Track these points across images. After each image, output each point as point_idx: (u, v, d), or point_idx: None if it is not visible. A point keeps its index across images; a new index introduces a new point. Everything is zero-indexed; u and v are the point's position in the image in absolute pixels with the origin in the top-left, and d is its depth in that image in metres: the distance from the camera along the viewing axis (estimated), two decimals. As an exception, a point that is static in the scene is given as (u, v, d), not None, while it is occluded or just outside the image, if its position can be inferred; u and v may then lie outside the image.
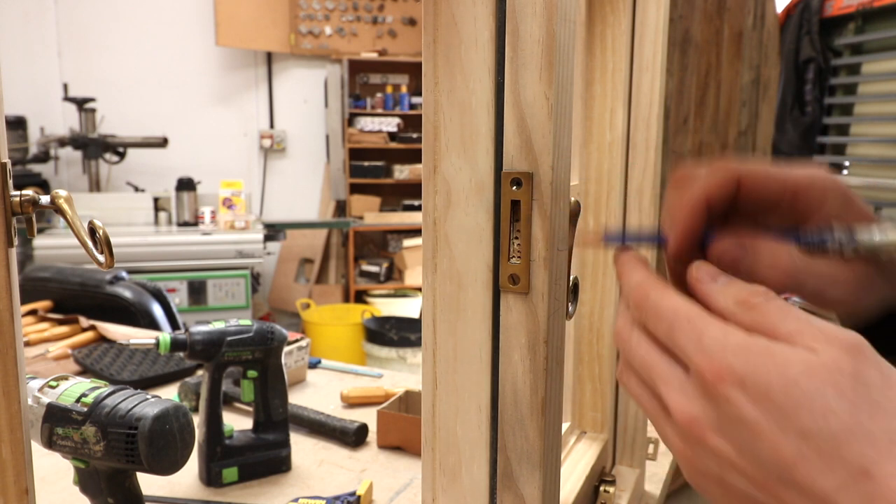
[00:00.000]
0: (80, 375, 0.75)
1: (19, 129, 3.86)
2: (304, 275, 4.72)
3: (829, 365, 0.29)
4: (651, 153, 0.82)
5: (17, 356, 0.42)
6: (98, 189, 4.00)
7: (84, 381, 0.70)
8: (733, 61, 2.57)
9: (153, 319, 1.85)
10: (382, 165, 4.62)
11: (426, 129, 0.47)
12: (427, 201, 0.47)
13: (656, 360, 0.34)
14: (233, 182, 3.78)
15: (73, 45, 4.29)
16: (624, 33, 0.77)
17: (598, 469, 0.82)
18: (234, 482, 0.95)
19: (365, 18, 4.65)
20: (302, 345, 1.34)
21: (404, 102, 4.64)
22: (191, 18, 4.43)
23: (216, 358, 0.92)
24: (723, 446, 0.30)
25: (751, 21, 2.62)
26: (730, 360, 0.30)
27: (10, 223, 0.42)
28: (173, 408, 0.68)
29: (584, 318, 0.85)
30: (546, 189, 0.44)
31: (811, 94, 3.48)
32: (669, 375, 0.33)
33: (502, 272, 0.46)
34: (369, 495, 0.91)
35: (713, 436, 0.31)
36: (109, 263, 0.46)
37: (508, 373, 0.47)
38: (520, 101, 0.44)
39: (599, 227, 0.81)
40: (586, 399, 0.87)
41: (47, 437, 0.67)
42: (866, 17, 3.27)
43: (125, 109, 4.29)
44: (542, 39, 0.42)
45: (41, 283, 1.84)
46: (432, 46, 0.45)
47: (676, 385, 0.32)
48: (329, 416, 1.11)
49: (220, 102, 4.61)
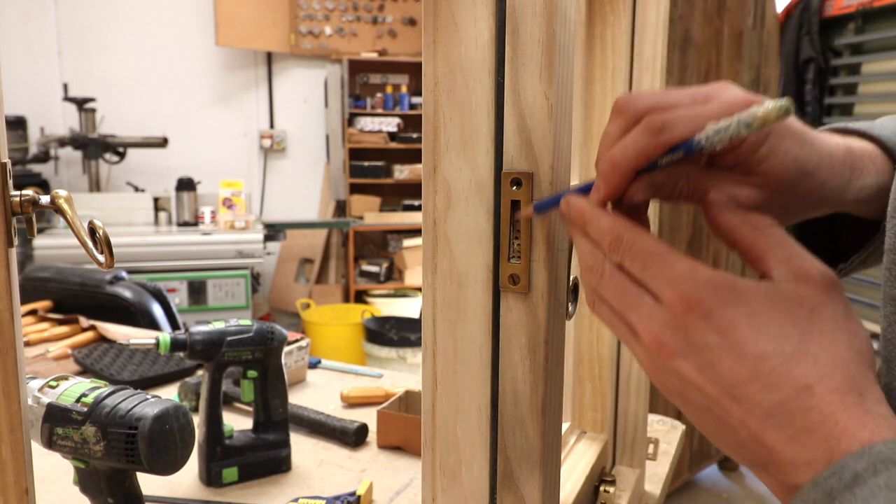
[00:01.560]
0: (80, 375, 0.75)
1: (19, 129, 3.86)
2: (304, 275, 4.72)
3: (791, 299, 0.34)
4: (651, 153, 0.82)
5: (17, 356, 0.42)
6: (98, 189, 4.00)
7: (84, 381, 0.70)
8: (733, 61, 2.57)
9: (153, 319, 1.85)
10: (382, 165, 4.62)
11: (426, 129, 0.47)
12: (427, 201, 0.47)
13: (629, 291, 0.37)
14: (233, 182, 3.78)
15: (73, 45, 4.29)
16: (624, 33, 0.77)
17: (598, 469, 0.82)
18: (234, 482, 0.95)
19: (365, 18, 4.65)
20: (302, 345, 1.34)
21: (404, 102, 4.64)
22: (191, 18, 4.43)
23: (216, 358, 0.92)
24: (686, 368, 0.35)
25: (751, 21, 2.62)
26: (699, 292, 0.34)
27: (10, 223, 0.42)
28: (173, 408, 0.68)
29: (584, 318, 0.85)
30: (546, 189, 0.44)
31: (811, 94, 3.48)
32: (641, 304, 0.37)
33: (502, 272, 0.46)
34: (369, 495, 0.91)
35: (678, 359, 0.35)
36: (109, 263, 0.46)
37: (508, 373, 0.47)
38: (520, 101, 0.44)
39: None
40: (586, 399, 0.87)
41: (47, 437, 0.67)
42: (866, 17, 3.27)
43: (125, 109, 4.29)
44: (542, 39, 0.42)
45: (41, 283, 1.84)
46: (432, 46, 0.45)
47: (647, 313, 0.36)
48: (329, 416, 1.11)
49: (220, 102, 4.61)
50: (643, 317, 0.36)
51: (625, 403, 0.89)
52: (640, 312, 0.36)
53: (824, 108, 3.51)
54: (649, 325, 0.36)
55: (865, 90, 3.37)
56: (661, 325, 0.35)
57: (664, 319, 0.35)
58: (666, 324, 0.35)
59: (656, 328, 0.35)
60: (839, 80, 3.44)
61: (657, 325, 0.35)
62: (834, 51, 3.44)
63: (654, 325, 0.36)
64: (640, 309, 0.37)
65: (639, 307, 0.37)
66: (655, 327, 0.36)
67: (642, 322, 0.36)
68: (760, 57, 2.72)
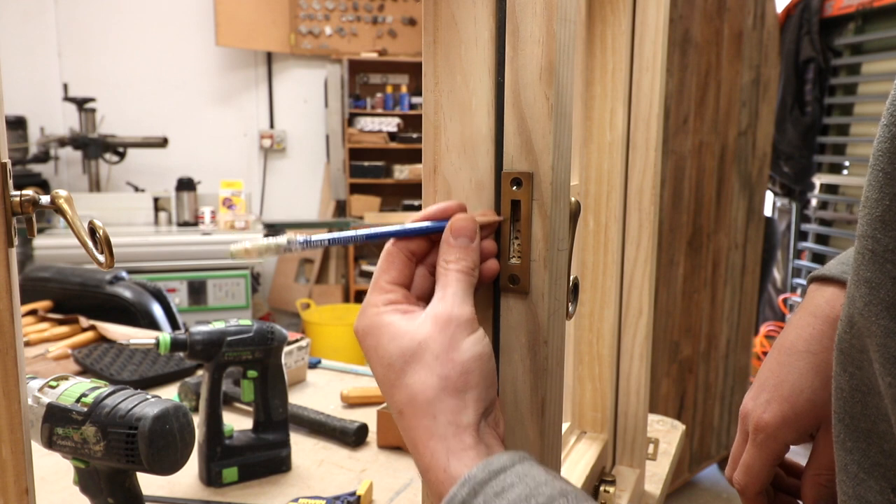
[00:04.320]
0: (80, 375, 0.75)
1: (19, 129, 3.86)
2: (304, 275, 4.72)
3: (405, 334, 0.42)
4: (651, 153, 0.82)
5: (17, 356, 0.42)
6: (98, 189, 4.00)
7: (84, 381, 0.70)
8: (733, 61, 2.56)
9: (153, 319, 1.85)
10: (382, 165, 4.61)
11: (426, 129, 0.47)
12: (427, 201, 0.47)
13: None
14: (233, 182, 3.77)
15: (73, 45, 4.29)
16: (624, 33, 0.77)
17: (598, 469, 0.82)
18: (234, 482, 0.95)
19: (365, 18, 4.65)
20: (302, 345, 1.34)
21: (404, 102, 4.64)
22: (191, 18, 4.43)
23: (216, 358, 0.92)
24: (370, 350, 0.44)
25: (751, 21, 2.62)
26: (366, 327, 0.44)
27: (10, 223, 0.42)
28: (173, 408, 0.68)
29: (584, 318, 0.85)
30: (546, 189, 0.44)
31: (811, 94, 3.48)
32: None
33: (502, 272, 0.46)
34: (369, 495, 0.91)
35: (365, 343, 0.44)
36: (109, 263, 0.46)
37: (508, 373, 0.47)
38: (520, 101, 0.44)
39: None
40: (586, 399, 0.87)
41: (47, 437, 0.67)
42: (866, 18, 3.27)
43: (125, 109, 4.29)
44: (542, 39, 0.42)
45: (41, 283, 1.84)
46: (432, 46, 0.45)
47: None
48: (329, 416, 1.11)
49: (220, 102, 4.61)
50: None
51: (625, 403, 0.89)
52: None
53: (824, 108, 3.51)
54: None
55: (865, 90, 3.37)
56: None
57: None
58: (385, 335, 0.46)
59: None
60: (839, 80, 3.44)
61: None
62: (834, 51, 3.44)
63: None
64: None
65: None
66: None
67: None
68: (760, 57, 2.72)
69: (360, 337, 0.44)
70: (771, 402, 0.52)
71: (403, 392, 0.41)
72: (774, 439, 0.52)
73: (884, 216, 0.32)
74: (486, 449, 0.40)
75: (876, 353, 0.33)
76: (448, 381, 0.40)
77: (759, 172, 2.84)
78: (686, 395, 2.68)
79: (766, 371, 0.54)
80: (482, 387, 0.41)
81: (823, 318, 0.52)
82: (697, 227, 2.56)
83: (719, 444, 2.90)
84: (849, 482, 0.36)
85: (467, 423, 0.40)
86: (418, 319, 0.42)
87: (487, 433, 0.42)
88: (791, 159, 3.58)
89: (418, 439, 0.41)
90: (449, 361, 0.41)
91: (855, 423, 0.36)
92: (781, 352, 0.53)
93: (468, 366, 0.41)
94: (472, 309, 0.43)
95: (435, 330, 0.41)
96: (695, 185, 2.51)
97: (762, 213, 2.93)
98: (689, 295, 2.59)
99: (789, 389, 0.51)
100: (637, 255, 0.85)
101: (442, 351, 0.41)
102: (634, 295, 0.86)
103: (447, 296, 0.42)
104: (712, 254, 2.65)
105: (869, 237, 0.33)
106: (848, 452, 0.37)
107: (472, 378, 0.41)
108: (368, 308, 0.44)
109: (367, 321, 0.43)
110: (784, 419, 0.51)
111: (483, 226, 0.45)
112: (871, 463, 0.35)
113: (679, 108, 2.38)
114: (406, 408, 0.41)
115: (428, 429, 0.40)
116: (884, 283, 0.32)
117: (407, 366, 0.41)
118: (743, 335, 2.93)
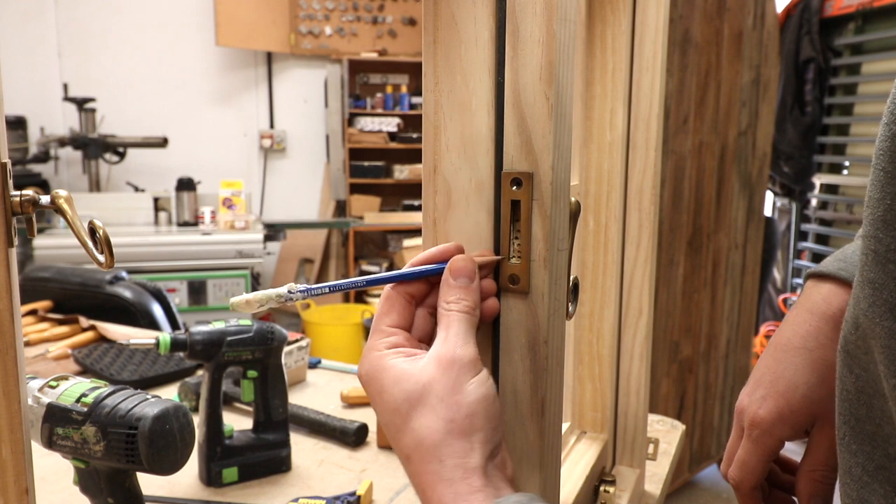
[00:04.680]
0: (80, 375, 0.75)
1: (19, 129, 3.86)
2: (304, 275, 4.72)
3: (419, 378, 0.41)
4: (651, 153, 0.82)
5: (17, 356, 0.42)
6: (98, 189, 4.00)
7: (84, 381, 0.70)
8: (733, 61, 2.56)
9: (153, 319, 1.85)
10: (382, 165, 4.61)
11: (426, 129, 0.47)
12: (427, 201, 0.47)
13: None
14: (233, 182, 3.77)
15: (73, 45, 4.29)
16: (624, 33, 0.77)
17: (598, 469, 0.82)
18: (234, 482, 0.95)
19: (365, 18, 4.65)
20: (302, 345, 1.34)
21: (404, 102, 4.64)
22: (191, 18, 4.43)
23: (216, 358, 0.92)
24: (374, 395, 0.43)
25: (751, 21, 2.62)
26: (369, 371, 0.44)
27: (10, 223, 0.42)
28: (173, 408, 0.68)
29: (584, 318, 0.85)
30: (546, 189, 0.44)
31: (811, 94, 3.48)
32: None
33: (502, 272, 0.46)
34: (369, 495, 0.91)
35: (370, 388, 0.44)
36: (109, 263, 0.46)
37: (508, 373, 0.47)
38: (520, 101, 0.44)
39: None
40: (586, 399, 0.87)
41: (47, 437, 0.67)
42: (866, 18, 3.27)
43: (125, 109, 4.29)
44: (542, 39, 0.42)
45: (41, 283, 1.84)
46: (432, 46, 0.45)
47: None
48: (329, 416, 1.11)
49: (220, 102, 4.61)
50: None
51: (625, 403, 0.89)
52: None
53: (824, 108, 3.51)
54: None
55: (865, 90, 3.36)
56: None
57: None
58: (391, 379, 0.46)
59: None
60: (839, 79, 3.44)
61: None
62: (834, 51, 3.44)
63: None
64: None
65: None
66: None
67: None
68: (760, 57, 2.72)
69: (364, 382, 0.44)
70: (766, 398, 0.52)
71: (410, 437, 0.41)
72: (770, 435, 0.52)
73: (885, 216, 0.32)
74: (494, 491, 0.40)
75: (880, 354, 0.32)
76: (454, 424, 0.40)
77: (759, 172, 2.84)
78: (686, 395, 2.68)
79: (762, 367, 0.54)
80: (488, 428, 0.41)
81: (820, 314, 0.52)
82: (697, 227, 2.56)
83: (719, 444, 2.90)
84: (853, 485, 0.36)
85: (475, 465, 0.40)
86: (421, 362, 0.42)
87: (495, 475, 0.41)
88: (791, 159, 3.58)
89: (426, 485, 0.40)
90: (454, 404, 0.40)
91: (860, 425, 0.36)
92: (777, 348, 0.53)
93: (473, 408, 0.40)
94: (475, 349, 0.42)
95: (438, 372, 0.41)
96: (695, 185, 2.51)
97: (762, 213, 2.93)
98: (689, 295, 2.59)
99: (785, 386, 0.51)
100: (637, 255, 0.85)
101: (446, 394, 0.40)
102: (634, 295, 0.86)
103: (450, 336, 0.42)
104: (712, 254, 2.65)
105: (872, 237, 0.33)
106: (852, 455, 0.36)
107: (477, 420, 0.40)
108: (371, 352, 0.44)
109: (370, 365, 0.43)
110: (780, 415, 0.51)
111: (481, 266, 0.45)
112: (876, 466, 0.35)
113: (679, 108, 2.38)
114: (413, 453, 0.41)
115: (436, 473, 0.40)
116: (887, 284, 0.32)
117: (412, 410, 0.41)
118: (743, 335, 2.93)
